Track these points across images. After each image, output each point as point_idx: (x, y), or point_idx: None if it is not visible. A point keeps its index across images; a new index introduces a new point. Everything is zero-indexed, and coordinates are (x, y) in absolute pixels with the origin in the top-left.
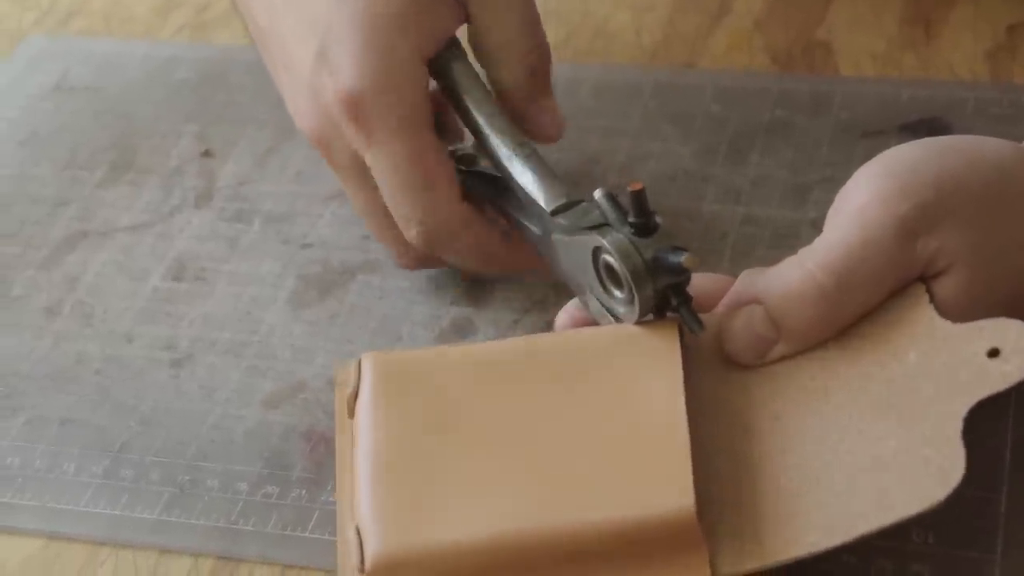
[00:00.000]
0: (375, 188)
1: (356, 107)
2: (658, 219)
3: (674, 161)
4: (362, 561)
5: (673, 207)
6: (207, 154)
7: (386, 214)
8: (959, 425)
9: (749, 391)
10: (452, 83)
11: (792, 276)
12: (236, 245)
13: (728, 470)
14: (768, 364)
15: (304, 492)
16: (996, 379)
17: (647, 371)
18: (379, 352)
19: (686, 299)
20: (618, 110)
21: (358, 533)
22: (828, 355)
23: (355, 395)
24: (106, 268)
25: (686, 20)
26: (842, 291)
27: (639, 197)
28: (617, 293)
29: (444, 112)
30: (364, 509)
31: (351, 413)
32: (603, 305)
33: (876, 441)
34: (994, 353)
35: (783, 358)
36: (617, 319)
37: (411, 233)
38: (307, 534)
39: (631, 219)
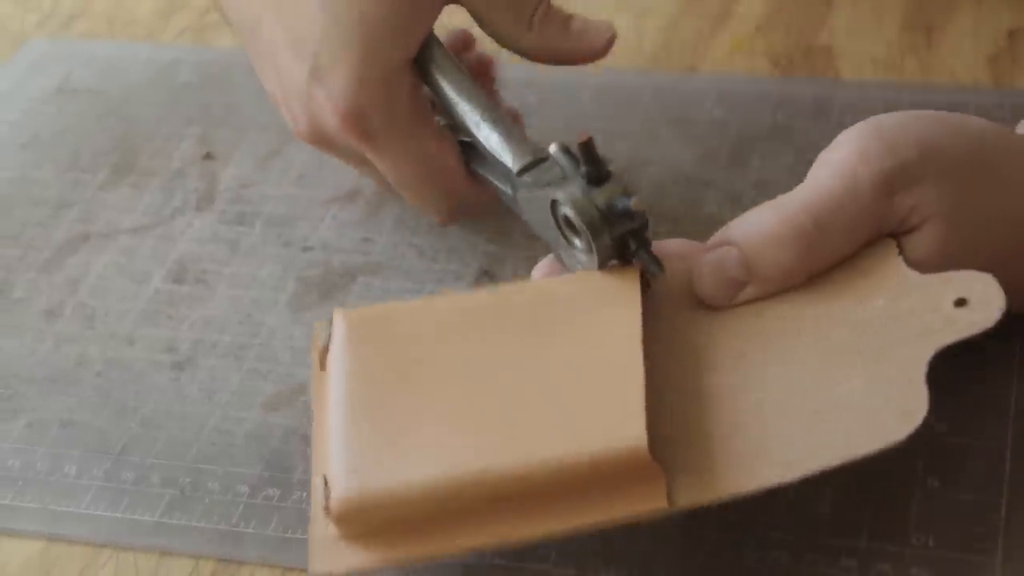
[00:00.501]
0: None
1: (355, 122)
2: (610, 167)
3: (675, 166)
4: (327, 506)
5: (674, 211)
6: (209, 157)
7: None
8: (924, 368)
9: (715, 330)
10: (419, 56)
11: (769, 218)
12: (237, 248)
13: (690, 406)
14: (736, 306)
15: (305, 495)
16: (962, 327)
17: (607, 315)
18: (352, 309)
19: (645, 243)
20: (619, 115)
21: (325, 480)
22: (796, 298)
23: (327, 349)
24: (107, 270)
25: (687, 24)
26: (819, 234)
27: (588, 148)
28: (577, 243)
29: None
30: (332, 456)
31: (323, 366)
32: (568, 257)
33: (840, 382)
34: (961, 303)
35: (752, 300)
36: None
37: (430, 211)
38: (307, 536)
39: (582, 170)
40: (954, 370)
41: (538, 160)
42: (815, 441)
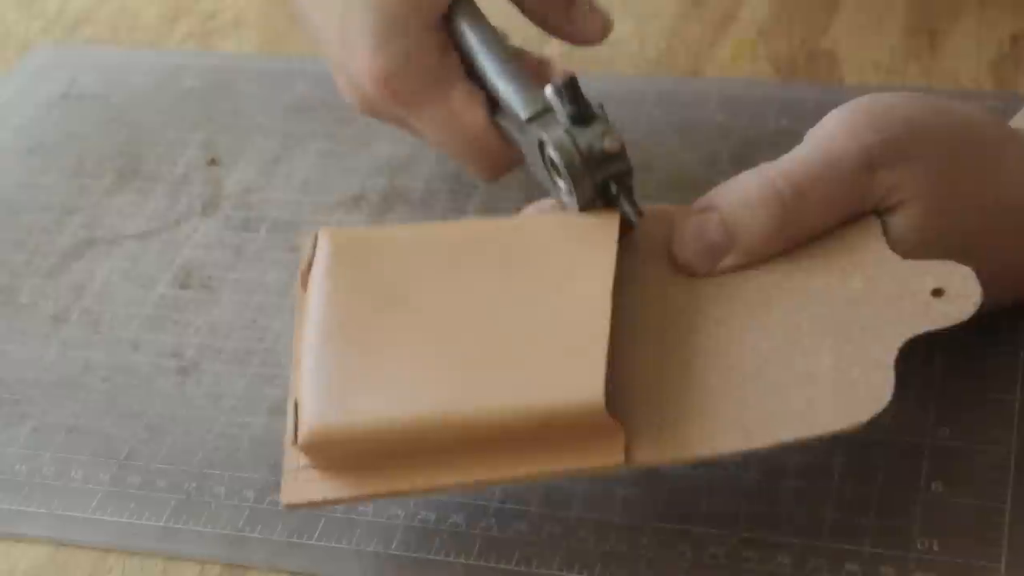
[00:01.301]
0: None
1: (387, 87)
2: (596, 108)
3: (679, 170)
4: (296, 434)
5: None
6: (213, 162)
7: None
8: (894, 353)
9: (695, 293)
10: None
11: (750, 183)
12: (242, 253)
13: (658, 363)
14: (717, 274)
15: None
16: (936, 317)
17: (583, 259)
18: (337, 228)
19: (626, 189)
20: (622, 119)
21: (295, 407)
22: (776, 270)
23: (309, 267)
24: (113, 276)
25: (690, 29)
26: (798, 202)
27: (571, 86)
28: (562, 185)
29: None
30: (304, 383)
31: (304, 285)
32: (563, 201)
33: (810, 356)
34: (938, 293)
35: (732, 269)
36: None
37: (469, 170)
38: (314, 541)
39: (567, 109)
40: (959, 374)
41: (547, 109)
42: (777, 414)
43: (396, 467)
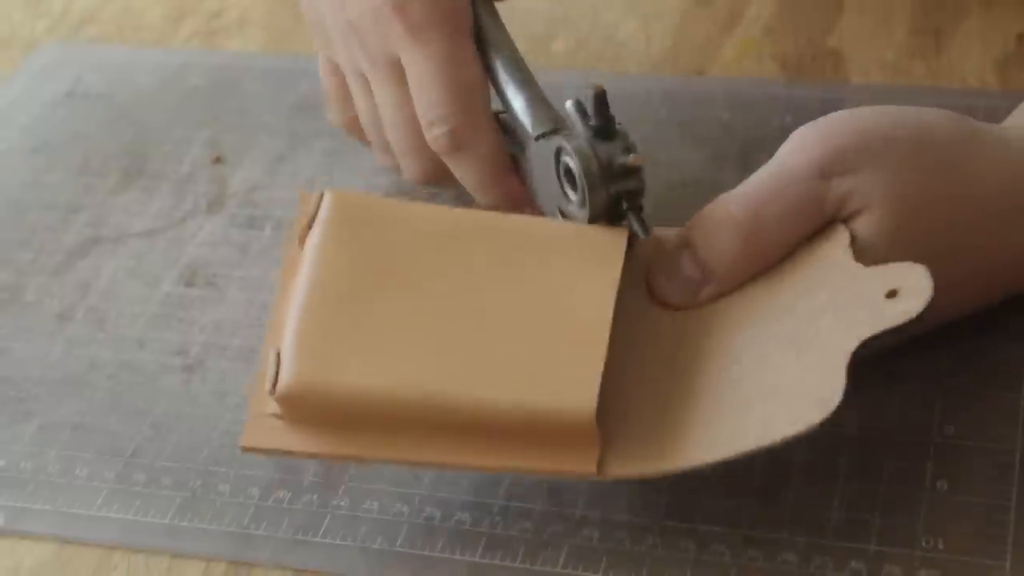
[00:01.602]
0: (403, 87)
1: (403, 8)
2: (619, 125)
3: (684, 169)
4: (275, 385)
5: (683, 215)
6: (218, 161)
7: (405, 119)
8: (846, 358)
9: (678, 317)
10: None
11: (713, 213)
12: (247, 251)
13: (640, 383)
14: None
15: (315, 497)
16: (888, 317)
17: (588, 269)
18: (344, 190)
19: (637, 205)
20: (628, 118)
21: (278, 357)
22: (752, 291)
23: (309, 225)
24: (118, 274)
25: (696, 28)
26: (757, 224)
27: (600, 99)
28: (573, 197)
29: None
30: (289, 336)
31: (302, 242)
32: (563, 212)
33: (775, 371)
34: (892, 294)
35: (714, 298)
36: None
37: (434, 133)
38: (319, 539)
39: (592, 123)
40: (964, 373)
41: (557, 129)
42: (738, 427)
43: (365, 433)
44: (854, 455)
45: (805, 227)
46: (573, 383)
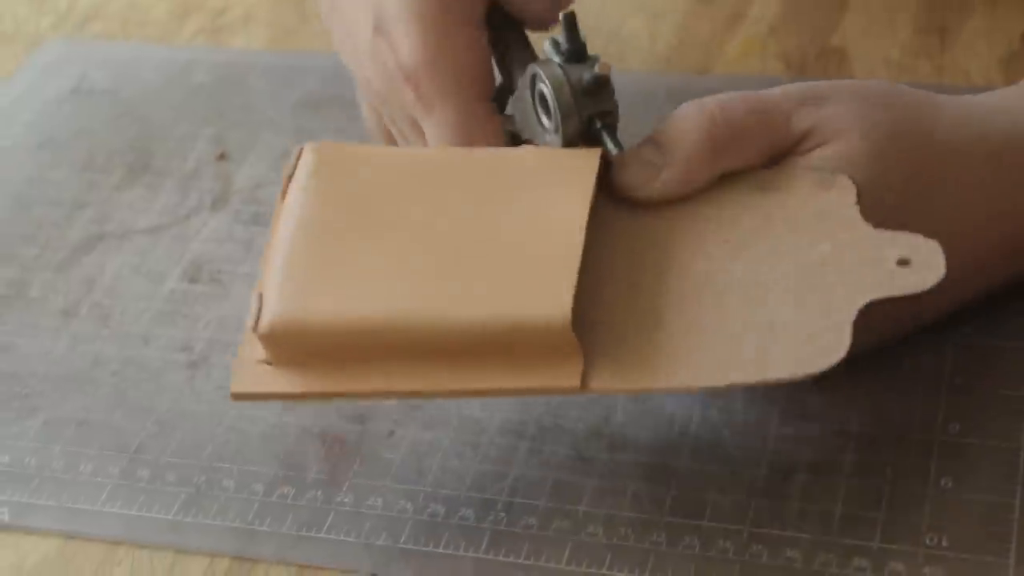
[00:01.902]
0: (422, 142)
1: (414, 79)
2: (590, 53)
3: None
4: (257, 323)
5: None
6: (223, 157)
7: None
8: (854, 312)
9: (668, 236)
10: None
11: (685, 108)
12: (252, 247)
13: (624, 298)
14: (673, 208)
15: (319, 493)
16: (899, 285)
17: (561, 190)
18: (323, 141)
19: (610, 125)
20: (632, 115)
21: (260, 298)
22: (748, 227)
23: (290, 178)
24: (123, 270)
25: (700, 26)
26: (721, 117)
27: (570, 20)
28: (547, 123)
29: None
30: (271, 277)
31: (284, 195)
32: (544, 142)
33: (772, 307)
34: (904, 262)
35: (672, 188)
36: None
37: None
38: (323, 535)
39: (563, 46)
40: (968, 370)
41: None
42: (735, 356)
43: (351, 368)
44: (858, 452)
45: (770, 137)
46: (547, 293)
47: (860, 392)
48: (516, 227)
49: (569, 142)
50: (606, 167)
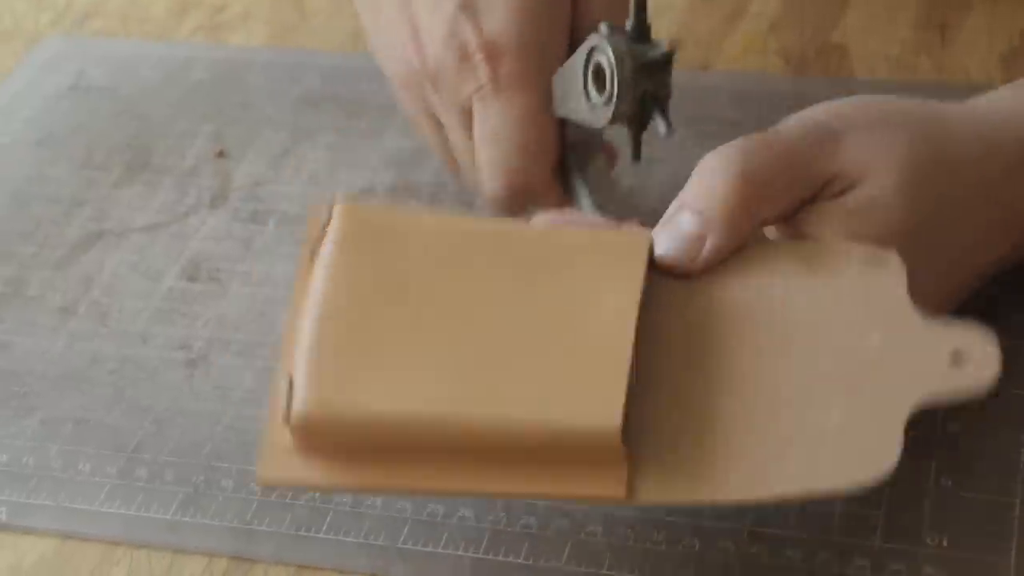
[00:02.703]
0: (469, 133)
1: (496, 58)
2: (655, 37)
3: (688, 164)
4: (288, 411)
5: None
6: (222, 155)
7: (464, 157)
8: (905, 417)
9: (717, 322)
10: None
11: (709, 162)
12: (251, 246)
13: (673, 400)
14: (724, 291)
15: (318, 493)
16: (954, 386)
17: (608, 281)
18: (355, 204)
19: (663, 104)
20: None
21: (290, 384)
22: (797, 314)
23: (320, 239)
24: (121, 268)
25: (700, 22)
26: (751, 166)
27: (639, 3)
28: (596, 96)
29: None
30: (301, 360)
31: (313, 258)
32: (583, 118)
33: (820, 409)
34: (957, 357)
35: (720, 255)
36: (592, 132)
37: (492, 185)
38: (321, 535)
39: (630, 22)
40: None
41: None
42: (783, 466)
43: (384, 462)
44: None
45: (798, 187)
46: (596, 398)
47: None
48: (559, 318)
49: (617, 117)
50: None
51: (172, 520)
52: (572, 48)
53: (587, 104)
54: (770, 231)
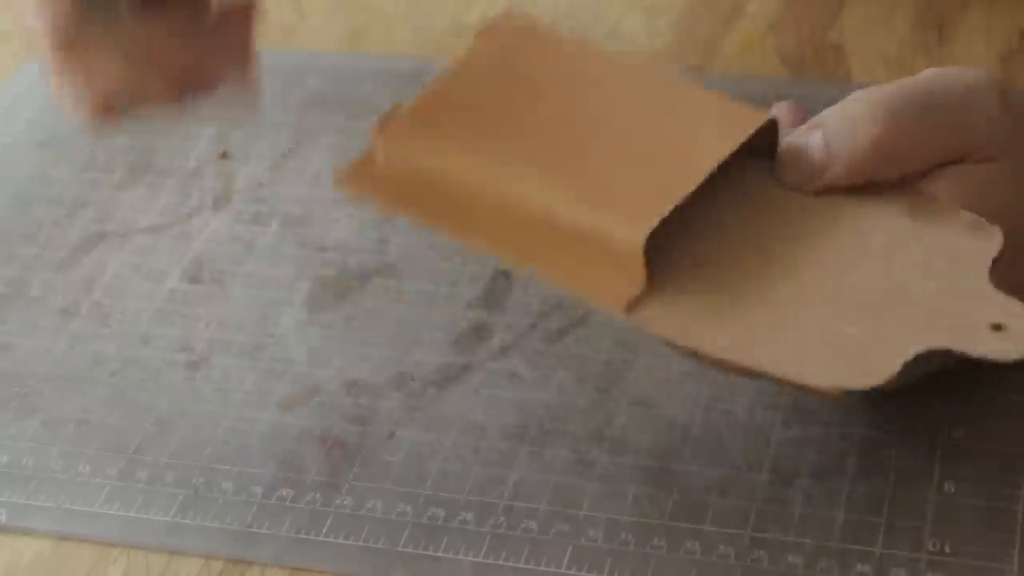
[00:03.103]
0: None
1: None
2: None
3: None
4: (385, 121)
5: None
6: (225, 156)
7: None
8: (917, 350)
9: (798, 227)
10: None
11: (855, 101)
12: (253, 247)
13: (723, 264)
14: (825, 200)
15: (319, 495)
16: (982, 346)
17: (714, 132)
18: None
19: None
20: None
21: (396, 106)
22: (880, 243)
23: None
24: (123, 270)
25: (698, 23)
26: (894, 120)
27: None
28: None
29: None
30: (416, 97)
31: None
32: None
33: (844, 322)
34: (997, 327)
35: (836, 185)
36: None
37: None
38: (321, 537)
39: None
40: (973, 375)
41: None
42: (779, 349)
43: (437, 203)
44: (861, 456)
45: (935, 153)
46: (637, 214)
47: (863, 396)
48: (651, 149)
49: None
50: (775, 136)
51: (172, 522)
52: None
53: None
54: None
